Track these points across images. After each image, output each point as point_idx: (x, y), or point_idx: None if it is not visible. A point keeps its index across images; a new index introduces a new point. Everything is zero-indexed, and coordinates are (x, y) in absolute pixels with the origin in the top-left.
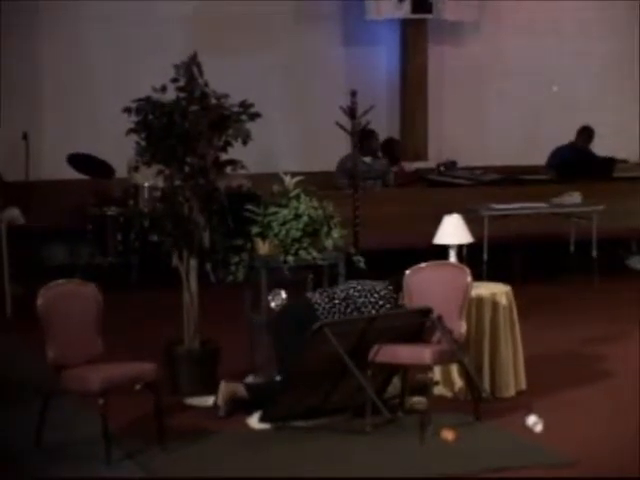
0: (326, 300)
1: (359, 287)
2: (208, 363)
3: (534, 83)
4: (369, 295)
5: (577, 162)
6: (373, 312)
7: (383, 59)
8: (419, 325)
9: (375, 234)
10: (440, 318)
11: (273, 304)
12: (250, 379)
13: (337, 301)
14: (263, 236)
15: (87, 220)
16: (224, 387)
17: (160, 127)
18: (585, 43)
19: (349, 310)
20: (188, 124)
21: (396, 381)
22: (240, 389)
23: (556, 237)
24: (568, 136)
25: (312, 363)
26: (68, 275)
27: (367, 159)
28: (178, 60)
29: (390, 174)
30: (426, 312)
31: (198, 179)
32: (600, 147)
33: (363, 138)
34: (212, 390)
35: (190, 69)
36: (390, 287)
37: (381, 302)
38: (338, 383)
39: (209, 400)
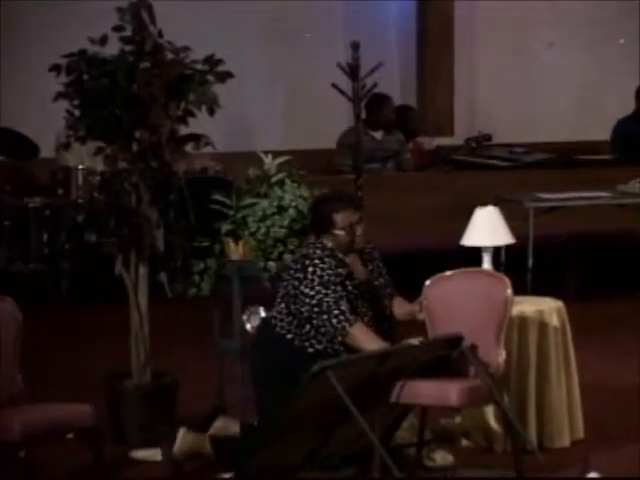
0: (284, 308)
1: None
2: (163, 403)
3: (594, 34)
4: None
5: None
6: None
7: (394, 1)
8: (445, 355)
9: (385, 232)
10: (474, 348)
11: (249, 325)
12: (220, 424)
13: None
14: (236, 236)
15: (2, 214)
16: (184, 438)
17: (99, 91)
18: None
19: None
20: (136, 87)
21: (413, 419)
22: (206, 443)
23: (623, 236)
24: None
25: (306, 411)
26: None
27: (377, 134)
28: (122, 2)
29: (406, 154)
30: (455, 342)
31: (149, 160)
32: None
33: (372, 106)
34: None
35: (139, 13)
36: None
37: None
38: (335, 430)
39: None
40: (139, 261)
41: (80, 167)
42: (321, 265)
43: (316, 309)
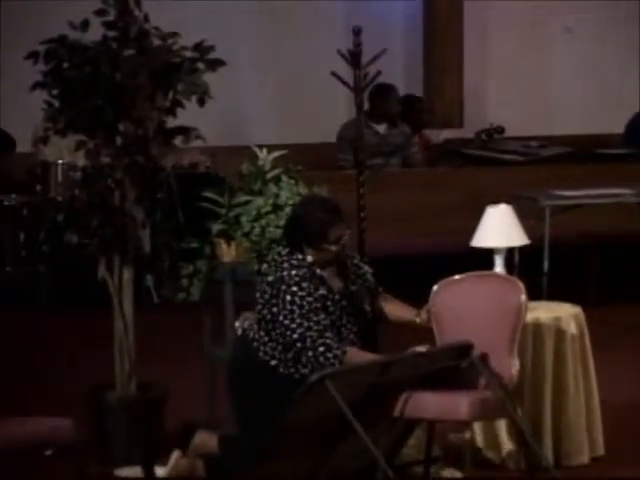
0: (263, 335)
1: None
2: (150, 416)
3: (615, 19)
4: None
5: None
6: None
7: None
8: (453, 365)
9: (388, 233)
10: (484, 358)
11: None
12: (198, 441)
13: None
14: (228, 236)
15: None
16: (178, 463)
17: (80, 80)
18: None
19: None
20: (121, 76)
21: (420, 433)
22: (199, 466)
23: None
24: None
25: (304, 426)
26: None
27: (380, 127)
28: None
29: (413, 149)
30: (465, 350)
31: (135, 155)
32: None
33: (375, 97)
34: (156, 456)
35: None
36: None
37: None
38: (335, 446)
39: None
40: (124, 264)
41: (60, 162)
42: (300, 293)
43: (299, 344)
